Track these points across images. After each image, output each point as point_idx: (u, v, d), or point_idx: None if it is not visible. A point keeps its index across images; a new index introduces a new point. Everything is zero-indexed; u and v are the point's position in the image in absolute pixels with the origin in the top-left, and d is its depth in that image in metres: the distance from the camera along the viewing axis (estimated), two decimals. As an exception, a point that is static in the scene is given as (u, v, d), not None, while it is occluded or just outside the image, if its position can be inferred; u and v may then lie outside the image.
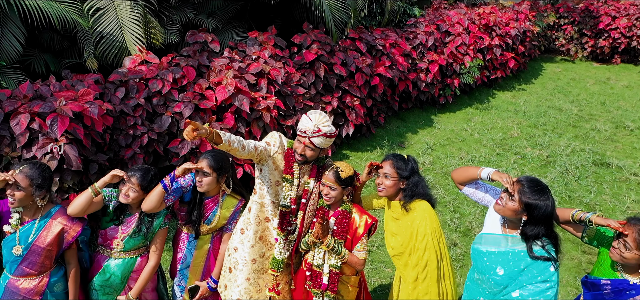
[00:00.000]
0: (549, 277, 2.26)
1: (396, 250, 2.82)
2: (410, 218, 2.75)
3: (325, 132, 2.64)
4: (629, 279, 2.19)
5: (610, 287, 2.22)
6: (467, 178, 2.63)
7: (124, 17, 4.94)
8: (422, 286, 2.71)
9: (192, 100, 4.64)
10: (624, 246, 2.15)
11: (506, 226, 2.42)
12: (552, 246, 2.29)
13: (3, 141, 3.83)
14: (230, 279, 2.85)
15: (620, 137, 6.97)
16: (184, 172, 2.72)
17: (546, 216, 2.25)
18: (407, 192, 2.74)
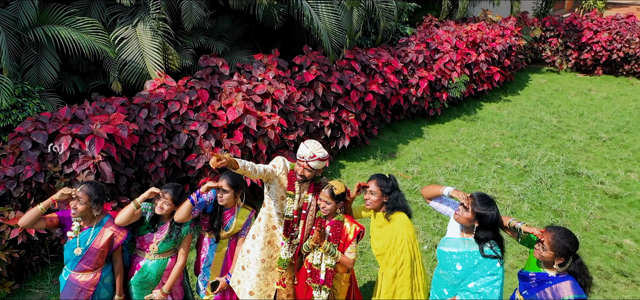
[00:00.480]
0: (495, 271, 2.92)
1: (379, 251, 3.46)
2: (391, 226, 3.39)
3: (319, 157, 3.29)
4: (548, 273, 2.83)
5: (535, 279, 2.87)
6: (433, 194, 3.29)
7: (145, 45, 5.59)
8: (399, 280, 3.35)
9: (206, 119, 5.29)
10: (542, 248, 2.80)
11: (463, 232, 3.07)
12: (498, 247, 2.94)
13: (46, 158, 4.49)
14: (244, 275, 3.50)
15: (593, 148, 7.62)
16: (207, 189, 3.37)
17: (492, 223, 2.91)
18: (389, 205, 3.38)
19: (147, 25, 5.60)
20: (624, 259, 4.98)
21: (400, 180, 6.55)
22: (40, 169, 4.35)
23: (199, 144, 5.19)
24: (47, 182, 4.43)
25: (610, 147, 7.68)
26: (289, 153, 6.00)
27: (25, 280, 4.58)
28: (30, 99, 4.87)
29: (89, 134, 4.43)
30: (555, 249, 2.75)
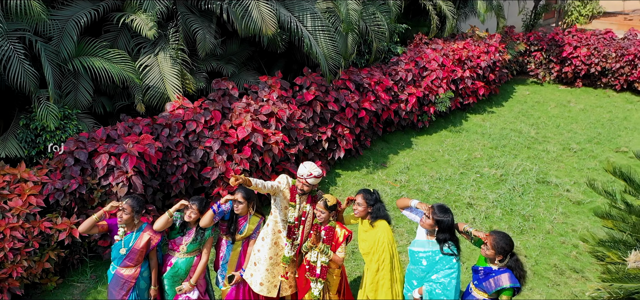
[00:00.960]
0: (452, 265, 3.74)
1: (365, 251, 4.28)
2: (374, 231, 4.21)
3: (315, 175, 4.13)
4: (492, 267, 3.65)
5: (482, 271, 3.69)
6: (405, 205, 4.12)
7: (166, 72, 6.42)
8: (381, 274, 4.18)
9: (219, 137, 6.12)
10: (486, 248, 3.63)
11: (428, 235, 3.89)
12: (454, 247, 3.77)
13: (86, 172, 5.32)
14: (255, 269, 4.33)
15: (564, 158, 8.45)
16: (226, 201, 4.21)
17: (448, 227, 3.73)
18: (373, 214, 4.20)
19: (167, 54, 6.44)
20: (578, 258, 5.81)
21: (389, 187, 7.38)
22: (82, 182, 5.18)
23: (213, 158, 6.03)
24: (88, 193, 5.26)
25: (580, 157, 8.50)
26: (290, 165, 6.84)
27: (68, 275, 5.41)
28: (70, 121, 5.71)
29: (123, 152, 5.27)
30: (496, 249, 3.58)
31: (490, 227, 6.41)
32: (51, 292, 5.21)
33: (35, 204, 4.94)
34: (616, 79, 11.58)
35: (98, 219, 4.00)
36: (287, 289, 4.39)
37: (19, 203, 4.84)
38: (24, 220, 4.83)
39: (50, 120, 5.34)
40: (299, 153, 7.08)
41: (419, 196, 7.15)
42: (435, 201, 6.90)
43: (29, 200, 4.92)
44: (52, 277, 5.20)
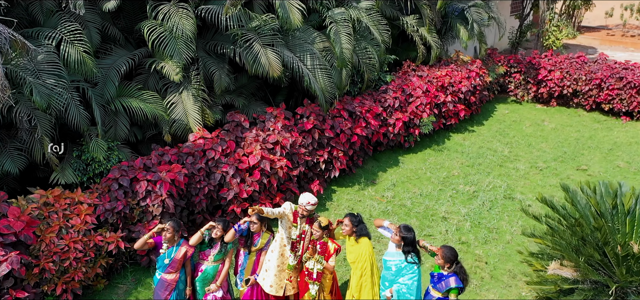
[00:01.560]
0: (414, 271, 5.00)
1: (351, 260, 5.54)
2: (358, 245, 5.46)
3: (312, 203, 5.39)
4: (443, 273, 4.91)
5: (437, 276, 4.94)
6: (380, 225, 5.39)
7: (188, 108, 7.69)
8: (364, 279, 5.43)
9: (233, 163, 7.39)
10: (438, 258, 4.88)
11: (396, 247, 5.15)
12: (416, 257, 5.02)
13: (128, 195, 6.59)
14: (266, 275, 5.58)
15: (531, 176, 9.71)
16: (244, 222, 5.47)
17: (411, 242, 4.99)
18: (357, 233, 5.45)
19: (189, 93, 7.70)
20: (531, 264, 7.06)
21: (377, 202, 8.64)
22: (126, 204, 6.46)
23: (229, 181, 7.29)
24: (129, 212, 6.53)
25: (544, 175, 9.76)
26: (292, 184, 8.11)
27: (113, 278, 6.68)
28: (112, 152, 6.98)
29: (158, 180, 6.54)
30: (445, 259, 4.84)
31: (460, 238, 7.67)
32: (100, 292, 6.47)
33: (90, 222, 6.21)
34: (586, 100, 12.84)
35: (149, 238, 5.27)
36: (290, 290, 5.65)
37: (78, 222, 6.11)
38: (83, 235, 6.10)
39: (99, 152, 6.62)
40: (300, 174, 8.35)
41: (401, 210, 8.41)
42: (415, 215, 8.20)
43: (85, 218, 6.19)
44: (101, 279, 6.47)
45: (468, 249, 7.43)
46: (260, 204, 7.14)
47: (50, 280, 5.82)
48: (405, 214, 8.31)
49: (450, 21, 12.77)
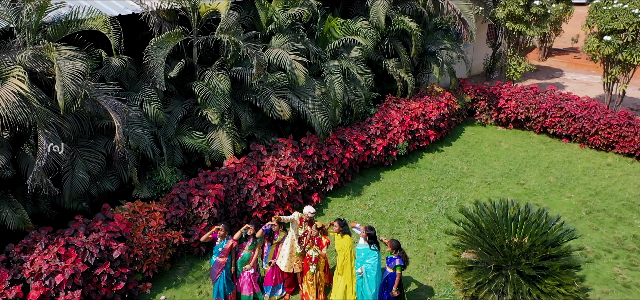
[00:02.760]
0: (375, 256, 7.97)
1: (338, 249, 8.50)
2: (343, 240, 8.43)
3: (312, 212, 8.41)
4: (392, 256, 7.87)
5: (388, 259, 7.91)
6: (353, 225, 8.39)
7: (223, 141, 10.69)
8: (345, 262, 8.40)
9: (256, 182, 10.39)
10: (388, 247, 7.85)
11: (364, 241, 8.13)
12: (376, 246, 8.00)
13: (186, 205, 9.59)
14: (282, 259, 8.57)
15: (480, 189, 12.67)
16: (269, 225, 8.48)
17: (373, 237, 7.96)
18: (342, 232, 8.43)
19: (224, 131, 10.69)
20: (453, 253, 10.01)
21: (361, 209, 11.62)
22: (184, 211, 9.46)
23: (253, 195, 10.29)
24: (187, 217, 9.53)
25: (491, 188, 12.73)
26: (298, 196, 11.09)
27: (176, 262, 9.67)
28: (173, 175, 9.99)
29: (207, 195, 9.55)
30: (392, 247, 7.82)
31: (419, 236, 10.64)
32: (167, 271, 9.46)
33: (162, 224, 9.21)
34: (535, 124, 15.79)
35: (210, 234, 8.29)
36: (297, 269, 8.64)
37: (154, 224, 9.11)
38: (158, 233, 9.10)
39: (165, 175, 9.63)
40: (304, 189, 11.35)
41: (378, 215, 11.38)
42: (388, 219, 11.18)
43: (159, 221, 9.18)
44: (167, 263, 9.47)
45: (423, 244, 10.42)
46: (275, 211, 10.10)
47: (139, 262, 8.83)
48: (381, 218, 11.30)
49: (425, 60, 15.77)
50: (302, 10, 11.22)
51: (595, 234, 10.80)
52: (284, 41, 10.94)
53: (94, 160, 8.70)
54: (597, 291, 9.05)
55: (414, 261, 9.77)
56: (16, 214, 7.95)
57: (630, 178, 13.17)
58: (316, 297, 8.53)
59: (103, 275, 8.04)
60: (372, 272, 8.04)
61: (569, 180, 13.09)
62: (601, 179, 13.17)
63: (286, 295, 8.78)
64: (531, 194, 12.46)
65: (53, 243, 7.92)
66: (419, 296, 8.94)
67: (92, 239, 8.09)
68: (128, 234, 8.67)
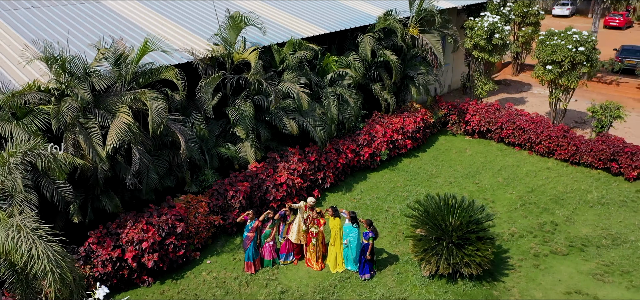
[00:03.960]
0: (356, 231, 11.70)
1: (331, 227, 12.29)
2: (334, 221, 12.18)
3: (313, 201, 12.20)
4: (367, 231, 11.60)
5: (364, 234, 11.65)
6: (341, 210, 12.17)
7: (248, 151, 14.45)
8: (336, 237, 12.19)
9: (272, 181, 14.16)
10: (363, 225, 11.58)
11: (348, 221, 11.87)
12: (356, 224, 11.75)
13: (222, 197, 13.36)
14: (292, 234, 12.31)
15: (444, 187, 16.37)
16: (284, 210, 12.26)
17: (354, 218, 11.71)
18: (333, 215, 12.20)
19: (249, 143, 14.44)
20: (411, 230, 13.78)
21: (350, 202, 15.36)
22: (222, 202, 13.24)
23: (270, 190, 14.06)
24: (224, 206, 13.30)
25: (452, 186, 16.45)
26: (303, 191, 14.84)
27: (216, 239, 13.44)
28: (213, 175, 13.77)
29: (238, 190, 13.34)
30: (367, 224, 11.58)
31: (392, 221, 14.37)
32: (210, 245, 13.21)
33: (206, 211, 12.97)
34: (494, 135, 19.52)
35: (242, 217, 12.07)
36: (303, 241, 12.41)
37: (201, 210, 12.88)
38: (203, 217, 12.87)
39: (208, 176, 13.41)
40: (307, 186, 15.12)
41: (363, 206, 15.11)
42: (371, 209, 14.94)
43: (204, 209, 12.95)
44: (210, 239, 13.23)
45: (395, 226, 14.15)
46: (287, 202, 13.83)
47: (192, 237, 12.60)
48: (365, 208, 15.04)
49: (405, 82, 19.51)
50: (306, 53, 14.99)
51: (524, 220, 14.53)
52: (292, 76, 14.71)
53: (161, 165, 12.47)
54: (515, 258, 12.77)
55: (387, 238, 13.52)
56: (112, 202, 11.73)
57: (561, 179, 16.90)
58: (316, 261, 12.30)
59: (170, 244, 11.82)
60: (353, 242, 11.80)
61: (513, 180, 16.83)
62: (539, 179, 16.90)
63: (295, 260, 12.53)
64: (482, 190, 16.21)
65: (138, 221, 11.71)
66: (389, 262, 12.69)
67: (162, 219, 11.88)
68: (185, 216, 12.45)
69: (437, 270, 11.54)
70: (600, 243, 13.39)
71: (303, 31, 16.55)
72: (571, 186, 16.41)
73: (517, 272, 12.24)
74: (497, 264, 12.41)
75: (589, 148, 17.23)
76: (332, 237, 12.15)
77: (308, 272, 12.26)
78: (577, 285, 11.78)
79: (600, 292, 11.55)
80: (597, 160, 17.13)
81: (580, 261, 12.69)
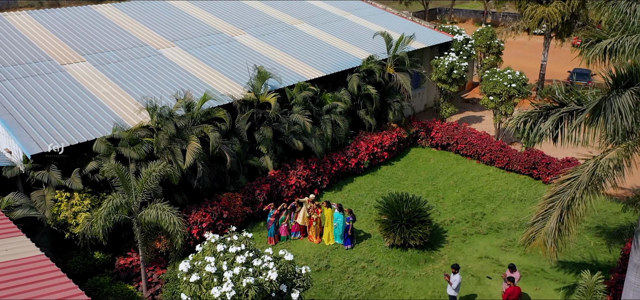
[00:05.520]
0: (341, 217, 17.84)
1: (325, 215, 18.43)
2: (327, 210, 18.33)
3: (314, 197, 18.36)
4: (348, 216, 17.68)
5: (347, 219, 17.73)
6: (332, 203, 18.33)
7: (268, 161, 20.60)
8: (328, 221, 18.34)
9: (285, 182, 20.31)
10: (346, 213, 17.69)
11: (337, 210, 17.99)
12: (342, 212, 17.85)
13: (251, 193, 19.53)
14: (299, 219, 18.46)
15: (409, 187, 22.47)
16: (294, 202, 18.42)
17: (341, 208, 17.83)
18: (327, 206, 18.34)
19: (269, 156, 20.61)
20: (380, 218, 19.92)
21: (340, 198, 21.49)
22: (251, 197, 19.41)
23: (284, 189, 20.22)
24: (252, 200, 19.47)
25: (415, 187, 22.56)
26: (308, 191, 20.99)
27: (247, 224, 19.60)
28: (244, 179, 19.95)
29: (263, 190, 19.52)
30: (349, 213, 17.70)
31: (370, 212, 20.49)
32: (242, 226, 19.35)
33: (240, 203, 19.11)
34: (452, 148, 25.63)
35: (266, 208, 18.23)
36: (307, 223, 18.57)
37: (238, 203, 19.02)
38: (239, 207, 19.00)
39: (242, 180, 19.59)
40: (310, 187, 21.28)
41: (349, 201, 21.23)
42: (355, 204, 21.16)
43: (239, 202, 19.09)
44: (243, 223, 19.38)
45: (371, 214, 20.25)
46: (296, 198, 19.94)
47: (232, 220, 18.71)
48: (351, 202, 21.15)
49: (384, 108, 25.62)
50: (309, 93, 21.11)
51: (462, 211, 20.65)
52: (299, 109, 20.86)
53: (212, 173, 18.63)
54: (450, 236, 18.88)
55: (364, 222, 19.66)
56: (181, 196, 17.90)
57: (496, 182, 23.01)
58: (316, 237, 18.46)
59: (219, 225, 17.98)
60: (340, 225, 17.94)
61: (461, 183, 22.95)
62: (480, 182, 23.02)
63: (301, 237, 18.67)
64: (436, 190, 22.33)
65: (198, 210, 17.87)
66: (364, 237, 18.78)
67: (214, 209, 18.02)
68: (227, 207, 18.61)
69: (394, 242, 17.70)
70: (511, 227, 19.52)
71: (306, 74, 22.73)
72: (502, 187, 22.54)
73: (449, 245, 18.39)
74: (437, 239, 18.57)
75: (518, 159, 23.34)
76: (326, 221, 18.30)
77: (310, 244, 18.41)
78: (487, 253, 17.92)
79: (501, 257, 17.66)
80: (524, 168, 23.24)
81: (494, 239, 18.82)
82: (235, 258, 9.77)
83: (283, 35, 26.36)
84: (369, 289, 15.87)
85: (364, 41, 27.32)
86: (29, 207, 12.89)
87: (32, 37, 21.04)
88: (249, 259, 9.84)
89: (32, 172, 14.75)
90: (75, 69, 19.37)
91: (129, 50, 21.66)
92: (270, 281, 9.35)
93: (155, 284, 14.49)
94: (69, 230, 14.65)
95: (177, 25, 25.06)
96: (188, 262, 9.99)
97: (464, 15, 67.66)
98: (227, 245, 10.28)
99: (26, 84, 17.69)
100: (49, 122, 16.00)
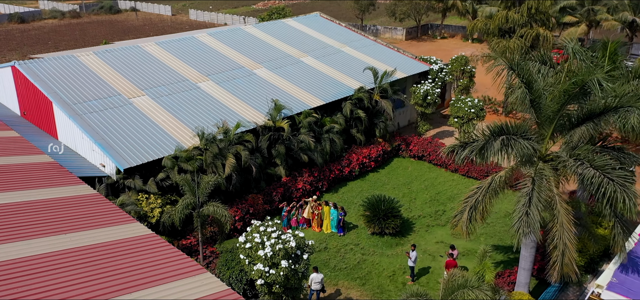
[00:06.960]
0: (335, 212, 24.46)
1: (324, 211, 25.05)
2: (326, 207, 24.96)
3: (316, 197, 25.02)
4: (340, 212, 24.27)
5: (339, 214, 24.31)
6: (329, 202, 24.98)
7: (281, 170, 27.29)
8: (326, 215, 24.98)
9: (296, 187, 26.95)
10: (339, 210, 24.26)
11: (333, 207, 24.59)
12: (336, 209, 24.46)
13: (269, 195, 26.20)
14: (305, 213, 25.06)
15: (390, 190, 29.05)
16: (302, 202, 25.06)
17: (335, 205, 24.44)
18: (326, 204, 24.96)
19: (282, 166, 27.23)
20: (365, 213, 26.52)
21: (336, 200, 28.11)
22: (269, 199, 26.08)
23: (294, 193, 26.86)
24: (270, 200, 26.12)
25: (395, 190, 29.13)
26: (312, 194, 27.62)
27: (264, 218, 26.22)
28: (264, 184, 26.61)
29: (278, 192, 26.18)
30: (342, 209, 24.32)
31: (358, 210, 27.09)
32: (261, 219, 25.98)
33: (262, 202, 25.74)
34: (427, 158, 32.22)
35: (281, 206, 24.88)
36: (311, 216, 25.22)
37: (260, 202, 25.65)
38: (262, 205, 25.63)
39: (263, 184, 26.26)
40: (312, 190, 27.92)
41: (343, 201, 27.84)
42: (347, 203, 27.91)
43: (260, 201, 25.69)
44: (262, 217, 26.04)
45: (359, 211, 26.85)
46: (303, 199, 26.56)
47: (256, 215, 25.39)
48: (343, 202, 27.75)
49: (372, 126, 32.23)
50: (312, 119, 27.69)
51: (428, 209, 27.27)
52: (305, 131, 27.45)
53: (241, 180, 25.28)
54: (417, 227, 25.52)
55: (354, 216, 26.28)
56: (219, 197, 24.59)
57: (458, 186, 29.63)
58: (318, 227, 25.12)
59: (247, 218, 24.64)
60: (335, 218, 24.57)
61: (431, 187, 29.56)
62: (446, 186, 29.63)
63: (306, 227, 25.30)
64: (411, 192, 28.94)
65: (231, 207, 24.49)
66: (353, 228, 25.40)
67: (242, 206, 24.66)
68: (253, 205, 25.22)
69: (374, 231, 24.34)
70: (463, 220, 26.13)
71: (310, 103, 29.35)
72: (462, 190, 29.14)
73: (415, 233, 25.05)
74: (407, 229, 25.23)
75: (476, 168, 29.96)
76: (325, 215, 24.95)
77: (313, 233, 25.07)
78: (442, 239, 24.55)
79: (452, 242, 24.29)
80: (480, 175, 29.85)
81: (449, 229, 25.44)
82: (271, 234, 16.38)
83: (292, 69, 33.02)
84: (355, 263, 22.51)
85: (356, 72, 33.94)
86: (133, 204, 19.53)
87: (102, 74, 27.70)
88: (278, 235, 16.44)
89: (122, 180, 21.44)
90: (139, 102, 26.07)
91: (174, 84, 28.33)
92: (291, 247, 15.96)
93: (208, 257, 21.13)
94: (148, 220, 21.32)
95: (208, 61, 31.73)
96: (243, 236, 16.59)
97: (453, 30, 74.18)
98: (265, 227, 16.86)
99: (107, 114, 24.39)
100: (129, 144, 22.68)
